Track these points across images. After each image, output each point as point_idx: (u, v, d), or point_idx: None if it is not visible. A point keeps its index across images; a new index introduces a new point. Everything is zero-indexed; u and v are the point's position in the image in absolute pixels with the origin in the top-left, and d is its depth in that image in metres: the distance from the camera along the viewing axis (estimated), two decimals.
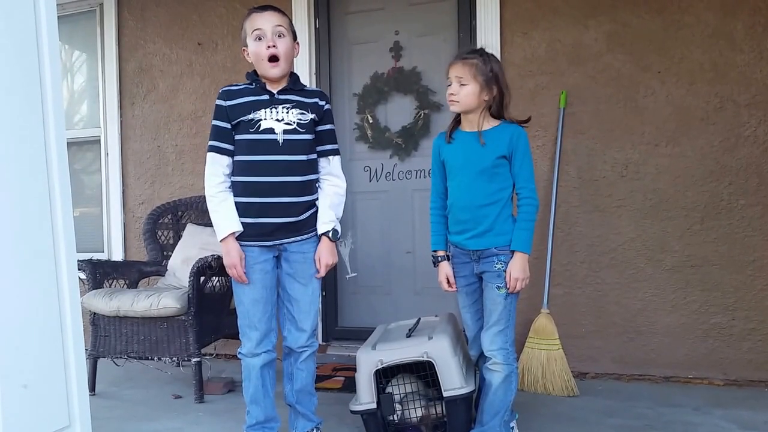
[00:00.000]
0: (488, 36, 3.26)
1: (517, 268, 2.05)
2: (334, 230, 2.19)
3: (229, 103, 2.10)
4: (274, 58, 2.06)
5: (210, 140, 2.12)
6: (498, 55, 3.14)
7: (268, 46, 2.06)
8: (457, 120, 2.20)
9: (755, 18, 2.92)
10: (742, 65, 2.95)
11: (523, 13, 3.23)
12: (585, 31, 3.15)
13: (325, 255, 2.17)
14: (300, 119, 2.10)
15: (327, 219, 2.18)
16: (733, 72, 2.96)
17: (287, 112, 2.10)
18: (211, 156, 2.11)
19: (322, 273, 2.18)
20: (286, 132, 2.08)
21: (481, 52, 2.12)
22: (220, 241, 2.09)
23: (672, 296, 3.05)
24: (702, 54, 3.00)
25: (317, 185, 2.20)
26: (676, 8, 3.02)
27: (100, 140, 4.13)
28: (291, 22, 2.17)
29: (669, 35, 3.04)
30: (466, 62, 2.08)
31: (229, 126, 2.11)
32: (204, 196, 2.18)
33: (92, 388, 3.04)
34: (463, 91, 2.08)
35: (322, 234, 2.17)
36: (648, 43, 3.06)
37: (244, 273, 2.10)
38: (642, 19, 3.07)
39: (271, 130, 2.07)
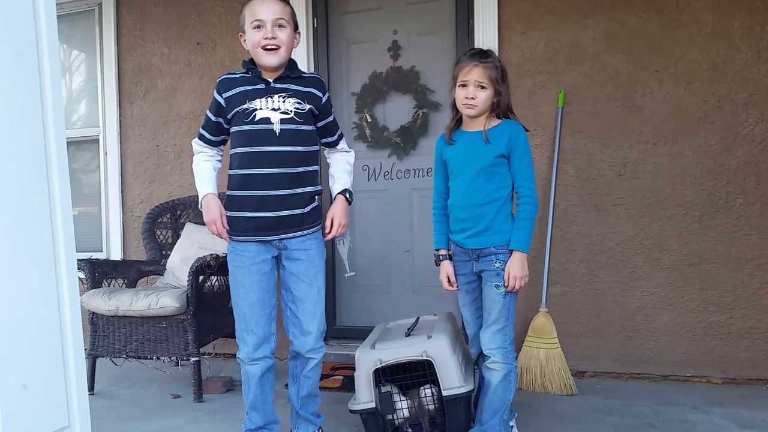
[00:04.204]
0: (486, 35, 3.26)
1: (516, 267, 2.06)
2: (350, 191, 2.20)
3: (225, 95, 2.06)
4: (271, 48, 2.01)
5: (200, 127, 2.18)
6: (497, 55, 3.14)
7: (266, 38, 2.00)
8: (457, 120, 2.20)
9: (753, 17, 2.93)
10: (739, 64, 2.95)
11: (521, 13, 3.24)
12: (583, 30, 3.15)
13: (340, 214, 2.14)
14: (297, 108, 2.04)
15: (343, 181, 2.21)
16: (730, 71, 2.96)
17: (283, 101, 2.03)
18: (195, 141, 2.19)
19: (333, 233, 2.13)
20: (283, 122, 2.02)
21: (493, 55, 2.12)
22: (200, 202, 2.09)
23: (670, 295, 3.06)
24: (700, 53, 3.00)
25: (317, 178, 2.16)
26: (673, 7, 3.03)
27: (98, 139, 4.13)
28: (293, 12, 2.09)
29: (667, 34, 3.04)
30: (486, 66, 2.07)
31: (214, 119, 2.11)
32: None
33: (91, 387, 3.04)
34: (482, 95, 2.08)
35: (339, 193, 2.18)
36: (646, 43, 3.07)
37: (241, 273, 2.08)
38: (640, 19, 3.07)
39: (267, 120, 2.01)
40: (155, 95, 3.98)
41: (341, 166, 2.26)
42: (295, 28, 2.10)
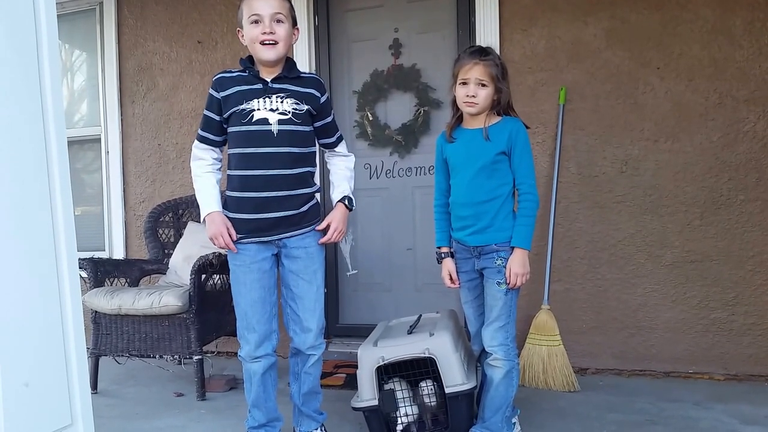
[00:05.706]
0: (487, 33, 3.26)
1: (517, 264, 2.06)
2: (350, 198, 2.20)
3: (222, 94, 2.04)
4: (269, 43, 1.99)
5: (198, 130, 2.13)
6: (497, 52, 3.15)
7: (264, 32, 1.98)
8: (458, 118, 2.20)
9: (754, 13, 2.92)
10: (741, 61, 2.95)
11: (522, 10, 3.23)
12: (584, 27, 3.15)
13: (338, 220, 2.14)
14: (295, 109, 2.03)
15: (342, 188, 2.21)
16: (732, 68, 2.96)
17: (281, 102, 2.02)
18: (196, 144, 2.14)
19: (328, 238, 2.12)
20: (281, 122, 2.01)
21: (493, 52, 2.13)
22: (203, 218, 2.07)
23: (672, 292, 3.06)
24: (701, 50, 3.00)
25: (314, 178, 2.16)
26: (674, 4, 3.02)
27: (100, 139, 4.14)
28: (291, 6, 2.07)
29: (668, 31, 3.04)
30: (487, 64, 2.07)
31: (217, 117, 2.08)
32: None
33: (94, 386, 3.05)
34: (483, 93, 2.08)
35: (338, 201, 2.18)
36: (647, 40, 3.06)
37: (242, 272, 2.08)
38: (641, 15, 3.07)
39: (265, 121, 2.00)
40: (156, 94, 3.99)
41: (341, 172, 2.26)
42: (294, 23, 2.08)
